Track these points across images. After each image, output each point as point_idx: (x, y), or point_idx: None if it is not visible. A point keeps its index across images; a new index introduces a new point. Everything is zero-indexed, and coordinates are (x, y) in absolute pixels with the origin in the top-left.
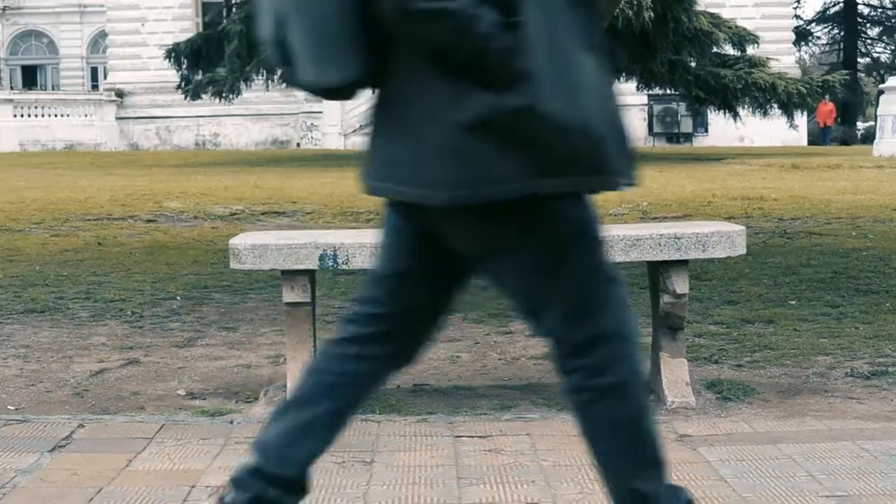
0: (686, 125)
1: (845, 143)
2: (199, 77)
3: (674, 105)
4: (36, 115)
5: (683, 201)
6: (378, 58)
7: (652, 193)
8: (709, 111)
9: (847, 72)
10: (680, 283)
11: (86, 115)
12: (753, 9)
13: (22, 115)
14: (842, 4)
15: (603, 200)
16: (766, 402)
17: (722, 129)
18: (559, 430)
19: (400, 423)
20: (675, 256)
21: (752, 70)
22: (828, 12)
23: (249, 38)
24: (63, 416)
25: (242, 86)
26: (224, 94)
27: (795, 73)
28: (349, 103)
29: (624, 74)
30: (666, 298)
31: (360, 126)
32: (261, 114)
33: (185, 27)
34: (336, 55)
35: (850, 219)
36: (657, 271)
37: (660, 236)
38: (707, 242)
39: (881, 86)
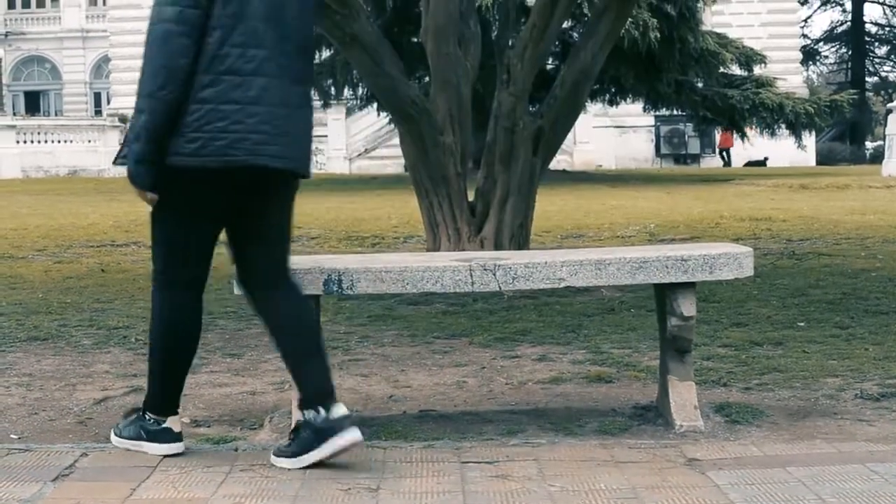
0: (693, 146)
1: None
2: None
3: (681, 126)
4: (39, 142)
5: (691, 223)
6: None
7: (660, 215)
8: (716, 132)
9: (855, 91)
10: (687, 306)
11: (89, 141)
12: (760, 28)
13: (25, 142)
14: (849, 24)
15: (610, 223)
16: (775, 424)
17: (730, 150)
18: (567, 455)
19: (406, 449)
20: (683, 278)
21: (760, 90)
22: (835, 32)
23: None
24: (66, 444)
25: None
26: None
27: (803, 92)
28: (354, 127)
29: (630, 95)
30: (673, 321)
31: (365, 150)
32: None
33: None
34: None
35: (859, 239)
36: (664, 294)
37: (667, 258)
38: (714, 264)
39: (889, 105)
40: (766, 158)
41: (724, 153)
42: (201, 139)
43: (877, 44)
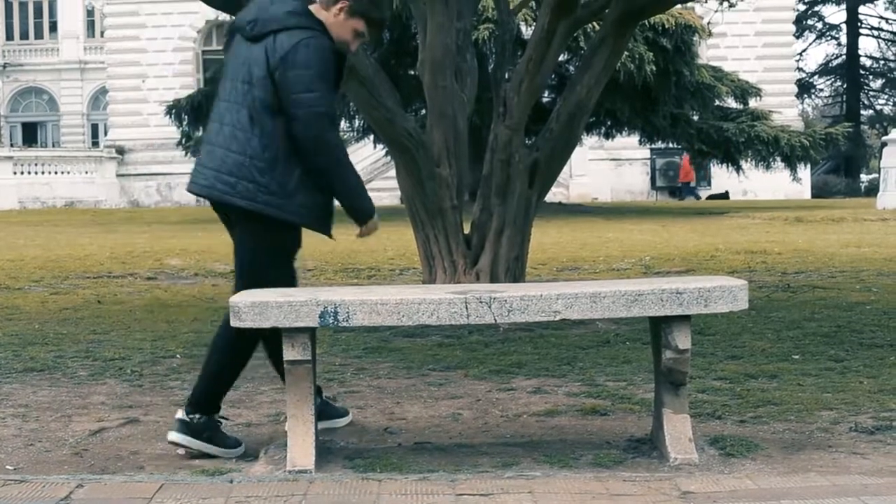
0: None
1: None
2: (200, 133)
3: (676, 159)
4: (36, 173)
5: (686, 255)
6: None
7: (655, 248)
8: (712, 164)
9: (850, 124)
10: (682, 339)
11: (86, 172)
12: (756, 62)
13: (22, 173)
14: (844, 57)
15: (605, 256)
16: (769, 457)
17: (725, 183)
18: (561, 488)
19: (401, 481)
20: (678, 311)
21: (755, 123)
22: (830, 65)
23: None
24: (62, 475)
25: None
26: None
27: (798, 125)
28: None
29: (626, 128)
30: (668, 354)
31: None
32: None
33: (186, 83)
34: None
35: (854, 272)
36: (659, 326)
37: (662, 291)
38: (709, 297)
39: (884, 138)
40: (727, 192)
41: (685, 187)
42: None
43: (871, 77)
